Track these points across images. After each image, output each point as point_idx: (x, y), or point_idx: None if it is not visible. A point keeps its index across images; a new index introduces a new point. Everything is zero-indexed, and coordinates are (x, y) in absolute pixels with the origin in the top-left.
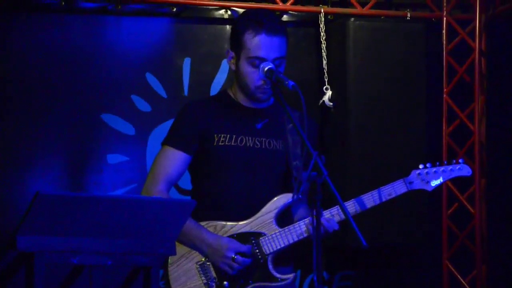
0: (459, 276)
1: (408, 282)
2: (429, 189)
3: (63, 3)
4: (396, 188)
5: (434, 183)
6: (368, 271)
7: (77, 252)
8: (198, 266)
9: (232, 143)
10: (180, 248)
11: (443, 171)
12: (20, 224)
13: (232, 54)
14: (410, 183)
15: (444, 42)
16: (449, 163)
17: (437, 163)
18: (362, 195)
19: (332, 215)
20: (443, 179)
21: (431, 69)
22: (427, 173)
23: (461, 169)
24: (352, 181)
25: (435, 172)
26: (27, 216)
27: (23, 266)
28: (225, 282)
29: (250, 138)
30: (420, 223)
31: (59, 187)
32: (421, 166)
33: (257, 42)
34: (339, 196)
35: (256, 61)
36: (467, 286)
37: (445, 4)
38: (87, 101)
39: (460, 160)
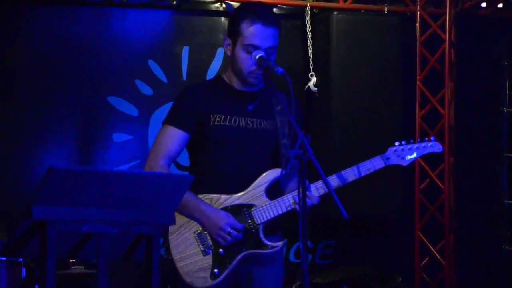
0: (429, 245)
1: (384, 250)
2: (404, 164)
3: None
4: (375, 164)
5: (409, 158)
6: (348, 240)
7: (86, 221)
8: (196, 235)
9: (227, 123)
10: (180, 219)
11: (417, 147)
12: (35, 195)
13: (229, 41)
14: (387, 159)
15: (418, 34)
16: (422, 141)
17: (411, 141)
18: (343, 170)
19: (317, 188)
20: (417, 154)
21: (405, 58)
22: (402, 149)
23: (433, 146)
24: (335, 159)
25: (409, 148)
26: (41, 188)
27: (37, 234)
28: (220, 250)
29: (243, 118)
30: (395, 198)
31: (69, 162)
32: (396, 144)
33: (253, 31)
34: (323, 172)
35: (250, 48)
36: (436, 253)
37: (418, 0)
38: (95, 85)
39: (431, 138)
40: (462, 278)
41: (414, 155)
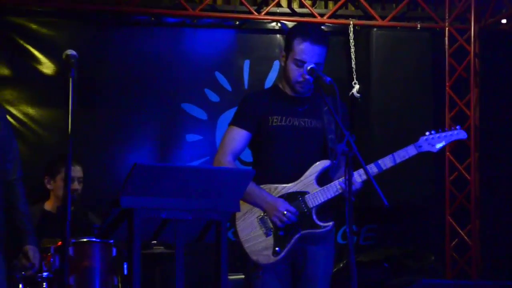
0: (458, 228)
1: (419, 232)
2: (434, 150)
3: (152, 18)
4: (409, 151)
5: (438, 145)
6: (388, 224)
7: (165, 209)
8: (259, 219)
9: (283, 123)
10: (244, 206)
11: (445, 136)
12: (122, 187)
13: (284, 53)
14: (419, 146)
15: (446, 47)
16: (449, 130)
17: (440, 130)
18: (381, 159)
19: (359, 175)
20: (445, 142)
21: (436, 68)
22: (432, 138)
23: (458, 134)
24: (375, 154)
25: (438, 137)
26: (128, 181)
27: (125, 219)
28: (280, 231)
29: (296, 119)
30: (428, 188)
31: (150, 159)
32: (427, 133)
33: (302, 48)
34: (366, 167)
35: (299, 63)
36: (464, 236)
37: (447, 17)
38: (171, 94)
39: (457, 127)
40: (487, 256)
41: (443, 142)
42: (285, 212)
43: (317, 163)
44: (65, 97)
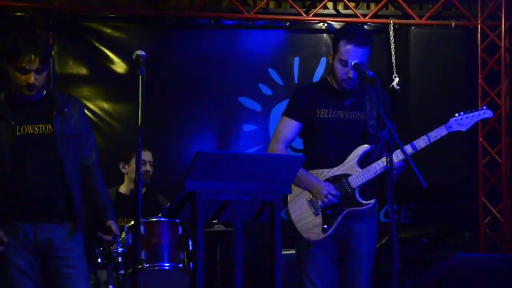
0: (491, 207)
1: (454, 211)
2: (463, 129)
3: (212, 21)
4: (440, 132)
5: (467, 125)
6: (426, 204)
7: (225, 192)
8: (308, 201)
9: (330, 116)
10: (295, 190)
11: (472, 116)
12: (186, 172)
13: (331, 52)
14: (449, 127)
15: (479, 42)
16: (476, 110)
17: (468, 111)
18: (416, 140)
19: (396, 155)
20: (473, 121)
21: (469, 62)
22: (461, 118)
23: (485, 113)
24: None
25: (466, 117)
26: (191, 167)
27: (189, 201)
28: (327, 210)
29: (341, 111)
30: (463, 171)
31: (211, 147)
32: (456, 114)
33: (347, 50)
34: (407, 153)
35: (343, 63)
36: (496, 213)
37: (479, 15)
38: (229, 89)
39: (484, 107)
40: None
41: (471, 122)
42: (328, 195)
43: (357, 148)
44: (136, 93)
